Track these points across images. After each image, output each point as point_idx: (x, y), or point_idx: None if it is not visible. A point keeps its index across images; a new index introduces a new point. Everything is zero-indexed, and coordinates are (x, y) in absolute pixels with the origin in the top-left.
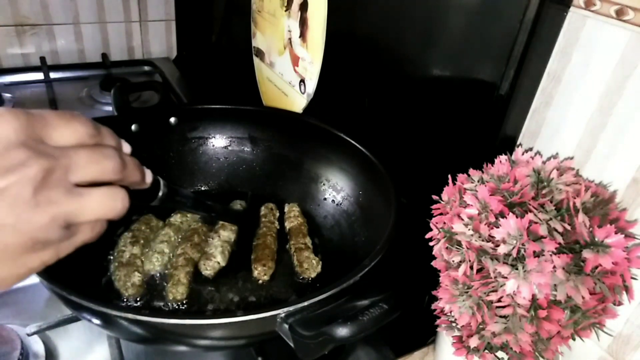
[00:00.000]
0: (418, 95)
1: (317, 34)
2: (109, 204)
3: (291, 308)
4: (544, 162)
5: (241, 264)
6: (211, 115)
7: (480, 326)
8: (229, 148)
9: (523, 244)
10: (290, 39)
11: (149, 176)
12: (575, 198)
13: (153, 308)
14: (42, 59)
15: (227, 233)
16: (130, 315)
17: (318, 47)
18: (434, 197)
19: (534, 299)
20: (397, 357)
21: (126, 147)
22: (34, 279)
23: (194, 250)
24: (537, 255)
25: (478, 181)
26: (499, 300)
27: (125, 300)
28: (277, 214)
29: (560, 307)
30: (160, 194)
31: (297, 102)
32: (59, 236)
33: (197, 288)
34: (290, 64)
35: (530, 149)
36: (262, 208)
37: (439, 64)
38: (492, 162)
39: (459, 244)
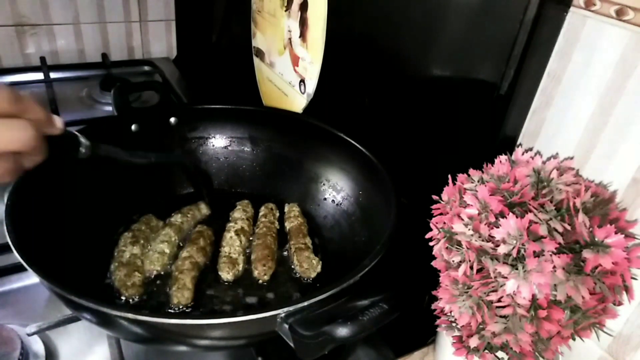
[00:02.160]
0: (418, 95)
1: (317, 34)
2: (9, 134)
3: (291, 308)
4: (544, 162)
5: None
6: (211, 115)
7: (480, 326)
8: (229, 148)
9: (523, 244)
10: (290, 39)
11: (59, 121)
12: (575, 198)
13: (153, 308)
14: (42, 59)
15: (244, 239)
16: (130, 315)
17: (318, 47)
18: (434, 197)
19: (534, 299)
20: (397, 357)
21: (58, 122)
22: (34, 279)
23: (199, 254)
24: (537, 255)
25: (478, 181)
26: (499, 300)
27: (125, 300)
28: (277, 214)
29: (560, 307)
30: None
31: (297, 102)
32: None
33: (198, 288)
34: (290, 64)
35: (530, 149)
36: (262, 208)
37: (439, 63)
38: (492, 162)
39: (459, 244)
